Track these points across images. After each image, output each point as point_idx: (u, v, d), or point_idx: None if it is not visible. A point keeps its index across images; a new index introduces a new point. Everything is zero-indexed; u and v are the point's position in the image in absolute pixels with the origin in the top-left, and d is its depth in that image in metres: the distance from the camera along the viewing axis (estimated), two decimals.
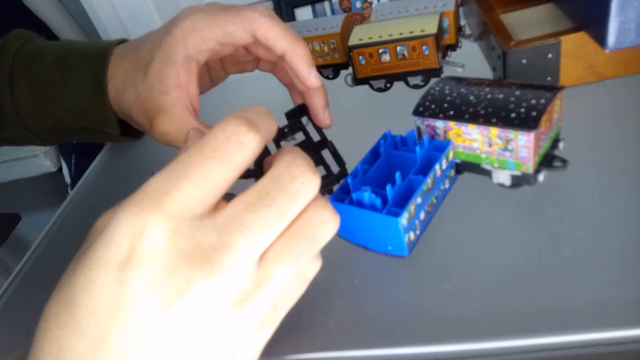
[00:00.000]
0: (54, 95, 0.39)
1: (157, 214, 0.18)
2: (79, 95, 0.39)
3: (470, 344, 0.27)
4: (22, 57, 0.41)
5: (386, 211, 0.30)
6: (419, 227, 0.33)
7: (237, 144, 0.20)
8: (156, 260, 0.18)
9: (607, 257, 0.29)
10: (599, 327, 0.26)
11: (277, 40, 0.34)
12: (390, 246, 0.32)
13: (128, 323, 0.18)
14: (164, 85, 0.34)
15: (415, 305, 0.30)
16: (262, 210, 0.20)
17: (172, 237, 0.18)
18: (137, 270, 0.18)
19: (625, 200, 0.32)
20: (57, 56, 0.40)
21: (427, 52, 0.45)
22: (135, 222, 0.18)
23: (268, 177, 0.21)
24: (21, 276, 0.45)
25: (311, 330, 0.30)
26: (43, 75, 0.40)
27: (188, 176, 0.19)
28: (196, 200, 0.19)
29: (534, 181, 0.33)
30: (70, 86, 0.39)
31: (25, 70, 0.40)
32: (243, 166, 0.20)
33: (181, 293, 0.18)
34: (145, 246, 0.18)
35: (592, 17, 0.37)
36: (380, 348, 0.28)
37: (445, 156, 0.34)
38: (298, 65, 0.34)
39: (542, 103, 0.31)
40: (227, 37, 0.34)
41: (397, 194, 0.32)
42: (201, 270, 0.18)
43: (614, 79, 0.43)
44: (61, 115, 0.40)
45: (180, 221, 0.18)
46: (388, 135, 0.36)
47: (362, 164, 0.35)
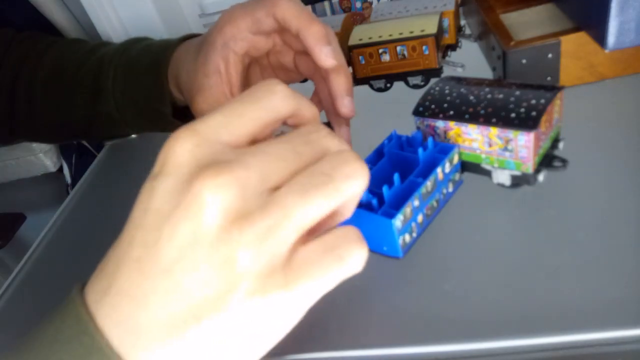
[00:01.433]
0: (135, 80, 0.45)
1: (186, 131, 0.21)
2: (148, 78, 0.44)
3: (470, 344, 0.27)
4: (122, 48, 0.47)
5: (381, 212, 0.30)
6: (416, 230, 0.33)
7: (267, 91, 0.22)
8: (177, 169, 0.20)
9: (607, 257, 0.29)
10: (598, 327, 0.26)
11: (292, 19, 0.34)
12: (385, 247, 0.32)
13: (149, 226, 0.20)
14: (206, 69, 0.37)
15: (415, 305, 0.30)
16: (279, 144, 0.21)
17: (194, 150, 0.20)
18: (162, 178, 0.20)
19: (625, 200, 0.32)
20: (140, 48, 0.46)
21: (427, 52, 0.45)
22: (170, 141, 0.21)
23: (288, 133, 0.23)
24: (21, 276, 0.45)
25: (311, 330, 0.30)
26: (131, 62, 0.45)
27: (221, 110, 0.22)
28: (223, 128, 0.21)
29: (533, 181, 0.33)
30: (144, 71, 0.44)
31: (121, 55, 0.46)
32: (271, 110, 0.22)
33: (192, 196, 0.19)
34: (171, 158, 0.20)
35: (592, 17, 0.37)
36: (380, 348, 0.28)
37: (449, 160, 0.34)
38: (310, 43, 0.34)
39: (542, 103, 0.31)
40: (255, 24, 0.36)
41: (396, 196, 0.32)
42: (212, 175, 0.19)
43: (613, 79, 0.43)
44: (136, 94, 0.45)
45: (204, 138, 0.21)
46: (394, 136, 0.36)
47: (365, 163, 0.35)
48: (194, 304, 0.19)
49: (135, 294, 0.20)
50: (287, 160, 0.21)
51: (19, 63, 0.49)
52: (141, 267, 0.20)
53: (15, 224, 0.76)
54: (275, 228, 0.19)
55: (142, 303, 0.20)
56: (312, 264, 0.20)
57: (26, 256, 0.47)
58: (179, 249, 0.19)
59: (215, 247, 0.19)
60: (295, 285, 0.20)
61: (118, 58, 0.46)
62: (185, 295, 0.19)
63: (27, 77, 0.49)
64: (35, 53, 0.50)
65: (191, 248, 0.19)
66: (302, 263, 0.20)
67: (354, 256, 0.21)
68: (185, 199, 0.19)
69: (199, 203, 0.19)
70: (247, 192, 0.20)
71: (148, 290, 0.19)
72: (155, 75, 0.42)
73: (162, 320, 0.19)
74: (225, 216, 0.19)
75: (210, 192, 0.19)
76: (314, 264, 0.20)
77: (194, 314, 0.20)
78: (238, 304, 0.19)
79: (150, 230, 0.20)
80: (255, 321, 0.20)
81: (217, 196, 0.19)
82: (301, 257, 0.20)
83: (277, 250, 0.20)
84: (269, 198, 0.20)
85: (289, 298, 0.20)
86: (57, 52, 0.50)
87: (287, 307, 0.20)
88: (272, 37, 0.38)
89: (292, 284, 0.20)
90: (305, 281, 0.20)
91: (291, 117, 0.24)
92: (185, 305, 0.19)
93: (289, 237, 0.20)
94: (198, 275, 0.19)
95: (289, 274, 0.20)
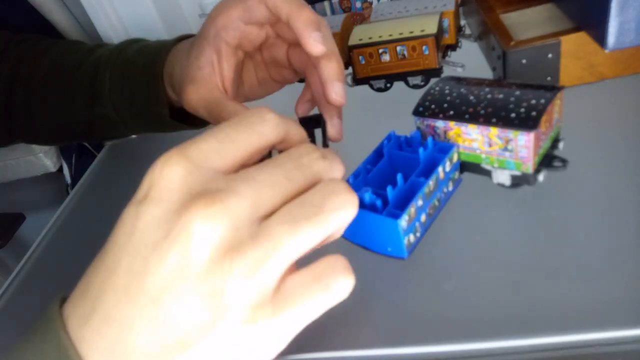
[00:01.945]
0: (131, 81, 0.44)
1: (178, 155, 0.20)
2: (144, 79, 0.43)
3: (470, 344, 0.27)
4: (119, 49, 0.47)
5: (386, 213, 0.30)
6: (420, 230, 0.33)
7: (259, 117, 0.23)
8: (168, 195, 0.20)
9: (607, 257, 0.29)
10: (599, 327, 0.26)
11: (282, 5, 0.34)
12: (390, 248, 0.32)
13: (136, 253, 0.20)
14: (199, 61, 0.37)
15: (415, 305, 0.30)
16: (270, 170, 0.21)
17: (186, 177, 0.20)
18: (150, 203, 0.20)
19: (625, 200, 0.32)
20: (136, 48, 0.46)
21: (427, 52, 0.45)
22: (158, 163, 0.20)
23: (278, 155, 0.23)
24: (21, 276, 0.45)
25: (311, 330, 0.30)
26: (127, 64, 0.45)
27: (213, 134, 0.22)
28: (215, 153, 0.21)
29: (533, 181, 0.33)
30: (140, 73, 0.44)
31: (117, 56, 0.46)
32: (262, 137, 0.22)
33: (182, 226, 0.19)
34: (161, 182, 0.20)
35: (592, 17, 0.37)
36: (380, 348, 0.28)
37: (449, 158, 0.34)
38: (299, 28, 0.33)
39: (542, 103, 0.31)
40: (247, 12, 0.35)
41: (399, 196, 0.32)
42: (203, 204, 0.19)
43: (613, 79, 0.43)
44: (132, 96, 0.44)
45: (197, 165, 0.21)
46: (392, 136, 0.36)
47: (365, 164, 0.35)
48: (181, 333, 0.19)
49: (122, 321, 0.19)
50: (279, 186, 0.21)
51: (17, 65, 0.49)
52: (128, 294, 0.19)
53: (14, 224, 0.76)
54: (265, 259, 0.20)
55: (129, 330, 0.19)
56: (301, 293, 0.20)
57: (26, 256, 0.47)
58: (166, 278, 0.19)
59: (204, 278, 0.19)
60: (283, 314, 0.20)
61: (114, 60, 0.45)
62: (173, 324, 0.19)
63: (25, 79, 0.49)
64: (33, 55, 0.50)
65: (179, 278, 0.19)
66: (290, 292, 0.20)
67: (340, 285, 0.21)
68: (174, 228, 0.19)
69: (189, 234, 0.19)
70: (239, 222, 0.20)
71: (135, 317, 0.19)
72: (151, 76, 0.42)
73: (148, 348, 0.19)
74: (215, 248, 0.19)
75: (201, 224, 0.19)
76: (302, 293, 0.20)
77: (181, 343, 0.19)
78: (226, 333, 0.20)
79: (137, 258, 0.20)
80: (242, 349, 0.20)
81: (207, 228, 0.19)
82: (289, 286, 0.20)
83: (267, 281, 0.20)
84: (260, 228, 0.20)
85: (277, 326, 0.20)
86: (55, 53, 0.50)
87: (275, 334, 0.20)
88: (264, 29, 0.37)
89: (280, 313, 0.20)
90: (293, 309, 0.20)
91: (280, 143, 0.24)
92: (173, 334, 0.19)
93: (279, 268, 0.20)
94: (186, 304, 0.19)
95: (277, 304, 0.20)
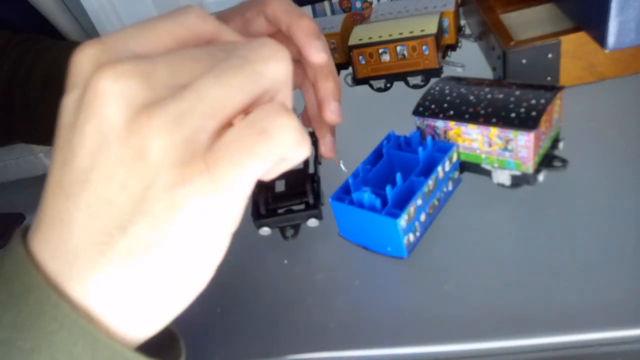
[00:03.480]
0: None
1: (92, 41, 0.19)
2: None
3: (470, 344, 0.27)
4: None
5: (385, 212, 0.30)
6: (419, 229, 0.33)
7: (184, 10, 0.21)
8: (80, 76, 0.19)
9: (607, 257, 0.29)
10: (598, 327, 0.26)
11: (282, 15, 0.33)
12: (390, 247, 0.32)
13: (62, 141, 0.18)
14: None
15: (415, 305, 0.30)
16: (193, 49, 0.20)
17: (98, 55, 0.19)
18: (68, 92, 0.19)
19: (625, 200, 0.32)
20: None
21: (427, 52, 0.45)
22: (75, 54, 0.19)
23: None
24: None
25: (311, 330, 0.30)
26: None
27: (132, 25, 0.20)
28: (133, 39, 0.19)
29: (533, 181, 0.33)
30: None
31: None
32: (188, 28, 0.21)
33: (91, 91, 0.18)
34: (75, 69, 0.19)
35: (592, 17, 0.37)
36: (380, 348, 0.28)
37: (448, 158, 0.34)
38: (300, 38, 0.32)
39: (542, 103, 0.31)
40: (246, 25, 0.35)
41: (398, 195, 0.32)
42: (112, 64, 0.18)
43: (613, 79, 0.43)
44: None
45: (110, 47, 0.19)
46: (392, 136, 0.36)
47: (365, 164, 0.35)
48: (116, 212, 0.17)
49: (61, 217, 0.18)
50: (201, 61, 0.19)
51: (17, 65, 0.49)
52: (61, 186, 0.18)
53: (14, 224, 0.76)
54: (189, 112, 0.17)
55: (68, 226, 0.18)
56: (233, 143, 0.18)
57: None
58: (90, 154, 0.18)
59: (124, 141, 0.17)
60: (218, 168, 0.17)
61: None
62: (106, 205, 0.18)
63: (24, 79, 0.49)
64: (32, 55, 0.50)
65: (101, 150, 0.17)
66: (222, 146, 0.18)
67: (279, 126, 0.18)
68: (85, 96, 0.18)
69: (99, 97, 0.17)
70: (153, 82, 0.18)
71: (71, 208, 0.18)
72: None
73: (89, 239, 0.18)
74: (130, 105, 0.17)
75: (110, 82, 0.17)
76: (234, 143, 0.18)
77: (119, 224, 0.17)
78: (160, 201, 0.17)
79: (64, 147, 0.18)
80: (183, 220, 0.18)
81: (118, 84, 0.17)
82: (222, 140, 0.18)
83: (194, 136, 0.17)
84: (181, 88, 0.18)
85: (214, 185, 0.18)
86: (54, 54, 0.50)
87: (216, 199, 0.18)
88: None
89: (214, 167, 0.17)
90: (228, 162, 0.18)
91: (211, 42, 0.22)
92: (108, 216, 0.18)
93: (207, 123, 0.18)
94: (113, 178, 0.17)
95: (209, 159, 0.18)
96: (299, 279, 0.34)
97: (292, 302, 0.32)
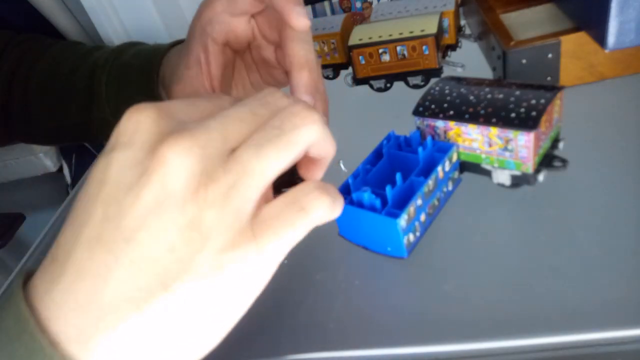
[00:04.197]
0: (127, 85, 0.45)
1: (148, 105, 0.21)
2: (140, 81, 0.43)
3: (469, 344, 0.27)
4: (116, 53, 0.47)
5: (385, 212, 0.30)
6: (419, 229, 0.33)
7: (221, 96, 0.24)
8: (139, 137, 0.20)
9: (607, 257, 0.29)
10: (598, 327, 0.26)
11: None
12: (390, 247, 0.32)
13: (109, 199, 0.19)
14: (187, 60, 0.36)
15: (414, 305, 0.30)
16: (236, 108, 0.22)
17: (157, 121, 0.20)
18: (121, 148, 0.20)
19: (625, 200, 0.32)
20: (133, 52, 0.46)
21: (427, 52, 0.45)
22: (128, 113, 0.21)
23: None
24: None
25: (311, 330, 0.30)
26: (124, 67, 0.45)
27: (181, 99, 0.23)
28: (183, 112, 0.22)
29: (533, 181, 0.33)
30: (136, 75, 0.44)
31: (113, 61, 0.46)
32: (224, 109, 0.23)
33: (157, 161, 0.19)
34: (132, 128, 0.20)
35: (592, 17, 0.37)
36: (380, 348, 0.28)
37: (448, 158, 0.34)
38: (280, 5, 0.31)
39: (542, 103, 0.31)
40: (231, 4, 0.35)
41: (398, 195, 0.32)
42: (175, 139, 0.19)
43: (613, 79, 0.43)
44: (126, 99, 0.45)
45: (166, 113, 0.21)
46: (392, 136, 0.36)
47: (365, 164, 0.35)
48: (160, 271, 0.19)
49: (96, 272, 0.19)
50: (246, 121, 0.21)
51: (16, 65, 0.49)
52: (102, 242, 0.19)
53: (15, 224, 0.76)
54: (237, 185, 0.20)
55: (104, 280, 0.19)
56: (277, 217, 0.21)
57: (26, 256, 0.47)
58: (142, 217, 0.19)
59: (182, 209, 0.19)
60: (263, 238, 0.20)
61: (111, 63, 0.45)
62: (151, 263, 0.19)
63: (24, 80, 0.48)
64: (32, 56, 0.50)
65: (155, 214, 0.19)
66: (267, 218, 0.21)
67: (315, 205, 0.21)
68: (150, 165, 0.19)
69: (165, 167, 0.19)
70: (210, 154, 0.20)
71: (111, 264, 0.19)
72: (146, 80, 0.42)
73: (127, 294, 0.18)
74: (190, 179, 0.19)
75: (175, 156, 0.19)
76: (278, 217, 0.21)
77: (161, 282, 0.19)
78: (207, 263, 0.19)
79: (110, 204, 0.19)
80: (225, 281, 0.20)
81: (183, 159, 0.19)
82: (265, 212, 0.21)
83: (242, 206, 0.20)
84: (230, 157, 0.20)
85: (259, 252, 0.20)
86: (53, 55, 0.49)
87: (258, 261, 0.20)
88: (250, 25, 0.37)
89: (260, 237, 0.20)
90: (272, 232, 0.20)
91: None
92: (152, 274, 0.19)
93: (252, 193, 0.20)
94: (163, 241, 0.19)
95: (256, 228, 0.20)
96: (299, 279, 0.34)
97: (292, 302, 0.32)
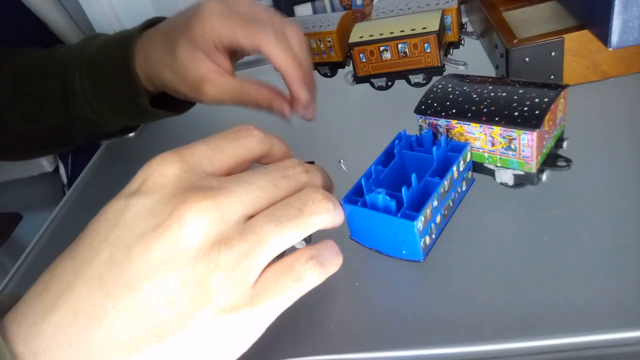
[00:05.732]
0: (103, 78, 0.45)
1: (173, 155, 0.22)
2: (116, 72, 0.44)
3: (473, 347, 0.27)
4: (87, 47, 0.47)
5: (401, 214, 0.29)
6: (435, 231, 0.32)
7: (246, 133, 0.25)
8: (161, 189, 0.21)
9: (611, 257, 0.29)
10: (602, 328, 0.26)
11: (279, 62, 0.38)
12: (405, 250, 0.31)
13: (120, 243, 0.20)
14: (198, 67, 0.38)
15: (417, 306, 0.30)
16: (259, 175, 0.23)
17: (180, 174, 0.21)
18: (142, 196, 0.21)
19: (629, 201, 0.32)
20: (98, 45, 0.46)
21: (429, 50, 0.45)
22: (154, 162, 0.22)
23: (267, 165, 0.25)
24: (18, 276, 0.44)
25: (311, 333, 0.30)
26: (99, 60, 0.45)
27: (205, 142, 0.24)
28: (207, 158, 0.23)
29: (537, 181, 0.32)
30: (110, 67, 0.44)
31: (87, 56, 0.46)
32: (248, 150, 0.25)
33: (175, 216, 0.20)
34: (155, 178, 0.21)
35: (596, 15, 0.37)
36: (382, 351, 0.28)
37: (462, 157, 0.33)
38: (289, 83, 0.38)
39: (545, 102, 0.30)
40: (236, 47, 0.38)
41: (413, 197, 0.31)
42: (196, 198, 0.20)
43: (617, 78, 0.42)
44: (109, 92, 0.45)
45: (190, 166, 0.22)
46: (403, 136, 0.35)
47: (376, 164, 0.34)
48: (158, 322, 0.19)
49: (92, 313, 0.19)
50: (266, 190, 0.23)
51: None
52: (103, 284, 0.19)
53: (11, 223, 0.76)
54: (250, 253, 0.21)
55: (99, 322, 0.19)
56: (274, 282, 0.22)
57: (23, 256, 0.46)
58: (149, 267, 0.19)
59: (191, 267, 0.20)
60: (259, 303, 0.21)
61: (78, 60, 0.45)
62: (150, 314, 0.19)
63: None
64: (3, 61, 0.48)
65: (163, 267, 0.19)
66: (265, 283, 0.22)
67: (310, 275, 0.23)
68: (167, 219, 0.20)
69: (181, 225, 0.20)
70: (228, 217, 0.21)
71: (109, 308, 0.19)
72: (123, 69, 0.42)
73: (120, 339, 0.19)
74: (205, 239, 0.20)
75: (194, 215, 0.20)
76: (275, 283, 0.22)
77: (156, 333, 0.19)
78: (204, 322, 0.20)
79: (119, 247, 0.20)
80: (217, 338, 0.21)
81: (199, 219, 0.20)
82: (265, 278, 0.22)
83: (249, 274, 0.21)
84: (246, 225, 0.21)
85: (253, 315, 0.21)
86: (16, 64, 0.48)
87: (251, 323, 0.22)
88: None
89: (257, 302, 0.21)
90: (268, 299, 0.22)
91: (264, 157, 0.27)
92: (149, 324, 0.19)
93: (261, 263, 0.21)
94: (165, 294, 0.19)
95: (253, 293, 0.21)
96: None
97: (292, 304, 0.32)
